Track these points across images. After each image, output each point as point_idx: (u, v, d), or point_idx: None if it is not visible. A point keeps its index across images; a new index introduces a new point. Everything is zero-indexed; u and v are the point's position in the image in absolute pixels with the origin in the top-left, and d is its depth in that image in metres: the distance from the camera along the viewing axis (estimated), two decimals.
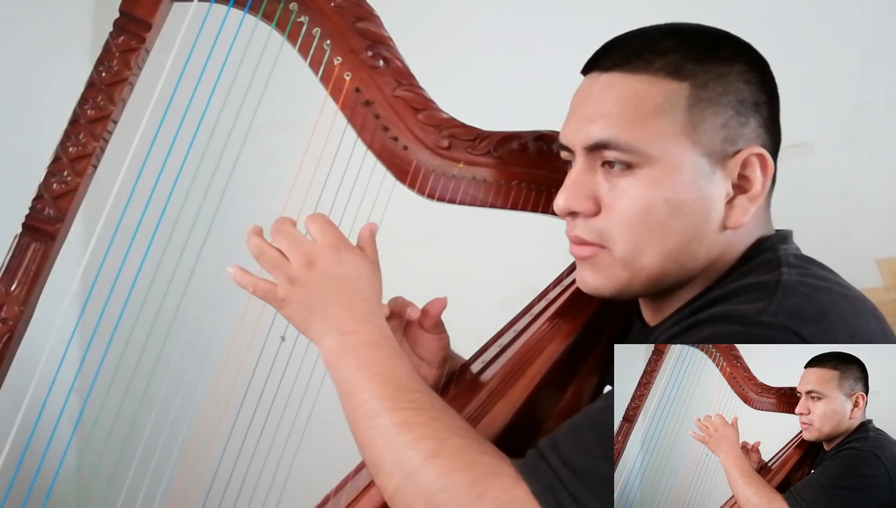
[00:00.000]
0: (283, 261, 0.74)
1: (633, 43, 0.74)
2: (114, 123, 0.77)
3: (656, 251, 0.72)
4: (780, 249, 0.73)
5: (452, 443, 0.66)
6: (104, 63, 0.76)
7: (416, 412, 0.68)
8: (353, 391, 0.70)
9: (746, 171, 0.72)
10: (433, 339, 0.86)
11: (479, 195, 0.84)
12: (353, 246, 0.76)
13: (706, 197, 0.71)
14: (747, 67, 0.73)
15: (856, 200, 1.26)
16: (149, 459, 0.95)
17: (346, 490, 0.77)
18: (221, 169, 0.86)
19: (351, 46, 0.80)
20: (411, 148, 0.81)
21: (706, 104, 0.71)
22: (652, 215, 0.71)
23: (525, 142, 0.83)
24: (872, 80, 1.26)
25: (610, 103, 0.72)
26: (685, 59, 0.71)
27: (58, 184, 0.75)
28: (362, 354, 0.71)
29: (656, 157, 0.70)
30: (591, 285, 0.75)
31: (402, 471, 0.66)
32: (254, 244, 0.75)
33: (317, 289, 0.73)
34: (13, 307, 0.74)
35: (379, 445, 0.67)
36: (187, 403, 0.95)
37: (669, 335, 0.69)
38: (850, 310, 0.67)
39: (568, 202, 0.73)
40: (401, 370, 0.71)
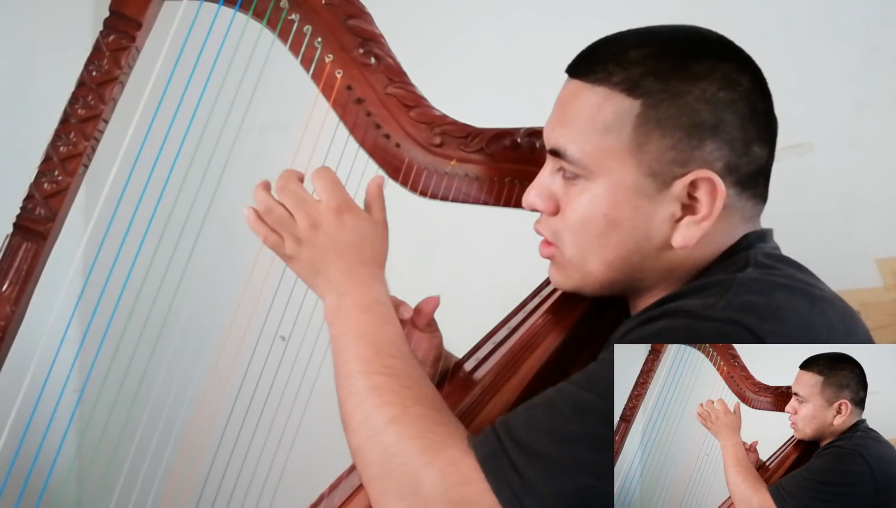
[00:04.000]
0: (290, 220, 0.75)
1: (602, 51, 0.74)
2: (105, 122, 0.77)
3: (598, 260, 0.74)
4: (756, 247, 0.73)
5: (413, 411, 0.68)
6: (94, 62, 0.76)
7: (388, 377, 0.70)
8: (339, 350, 0.73)
9: (696, 192, 0.71)
10: (426, 338, 0.87)
11: (472, 192, 0.84)
12: (356, 207, 0.77)
13: (646, 215, 0.72)
14: (717, 87, 0.70)
15: (856, 200, 1.25)
16: (144, 457, 0.95)
17: (341, 488, 0.77)
18: (213, 168, 0.86)
19: (342, 44, 0.80)
20: (403, 145, 0.81)
21: (654, 125, 0.70)
22: (591, 226, 0.73)
23: (517, 139, 0.83)
24: (872, 80, 1.26)
25: (569, 113, 0.74)
26: (645, 75, 0.70)
27: (49, 184, 0.75)
28: (352, 316, 0.74)
29: (599, 172, 0.72)
30: (555, 280, 0.80)
31: (366, 431, 0.68)
32: (261, 199, 0.76)
33: (321, 250, 0.75)
34: (4, 308, 0.74)
35: (351, 403, 0.70)
36: (181, 401, 0.95)
37: (626, 330, 0.69)
38: (807, 305, 0.67)
39: (531, 200, 0.77)
40: (385, 335, 0.73)
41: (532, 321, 0.82)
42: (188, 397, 0.93)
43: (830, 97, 1.27)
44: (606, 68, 0.72)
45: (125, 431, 0.99)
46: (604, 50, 0.74)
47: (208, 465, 0.90)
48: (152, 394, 0.96)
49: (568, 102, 0.74)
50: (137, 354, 0.94)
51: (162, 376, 1.00)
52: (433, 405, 0.70)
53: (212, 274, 0.80)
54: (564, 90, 0.76)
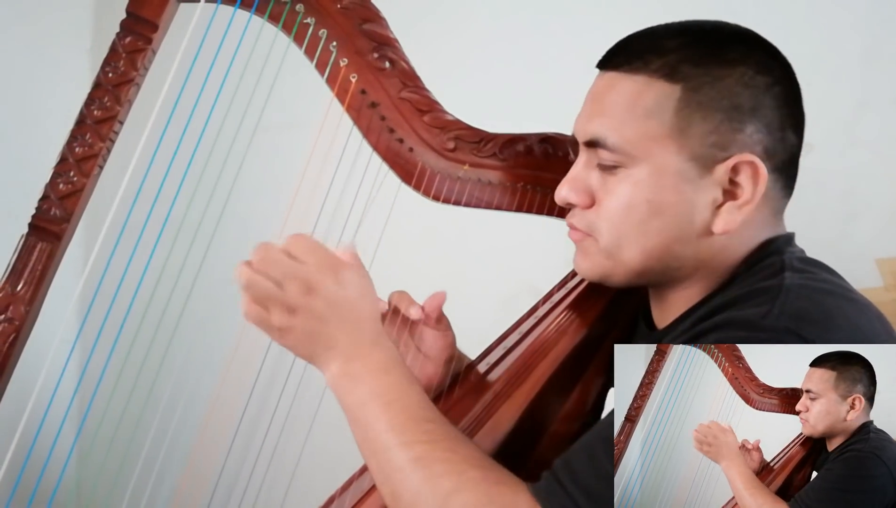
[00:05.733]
0: (276, 290, 0.68)
1: (637, 42, 0.75)
2: (120, 123, 0.77)
3: (637, 248, 0.73)
4: (786, 252, 0.73)
5: (470, 476, 0.66)
6: (111, 64, 0.76)
7: (431, 444, 0.67)
8: (366, 421, 0.69)
9: (738, 177, 0.71)
10: (438, 336, 0.86)
11: (485, 197, 0.84)
12: (347, 263, 0.72)
13: (689, 201, 0.72)
14: (755, 70, 0.71)
15: (856, 200, 1.26)
16: (153, 460, 0.95)
17: (351, 490, 0.77)
18: (226, 170, 0.86)
19: (357, 48, 0.80)
20: (417, 150, 0.82)
21: (695, 108, 0.71)
22: (633, 213, 0.72)
23: (531, 144, 0.84)
24: (872, 80, 1.26)
25: (607, 103, 0.74)
26: (683, 61, 0.71)
27: (64, 184, 0.75)
28: (373, 380, 0.69)
29: (641, 159, 0.72)
30: (581, 267, 0.78)
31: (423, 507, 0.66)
32: (241, 273, 0.69)
33: (320, 316, 0.69)
34: (19, 307, 0.74)
35: (396, 480, 0.67)
36: (192, 403, 0.95)
37: (671, 338, 0.70)
38: (854, 312, 0.67)
39: (566, 195, 0.76)
40: (413, 397, 0.70)
41: (543, 326, 0.83)
42: (199, 395, 0.93)
43: (830, 97, 1.28)
44: (643, 57, 0.72)
45: (134, 434, 0.99)
46: (638, 41, 0.75)
47: (219, 464, 0.90)
48: (162, 398, 0.97)
49: (604, 93, 0.74)
50: (148, 357, 0.94)
51: (173, 380, 1.00)
52: (484, 463, 0.68)
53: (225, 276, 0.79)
54: (598, 83, 0.76)
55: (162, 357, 0.93)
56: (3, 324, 0.73)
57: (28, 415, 0.73)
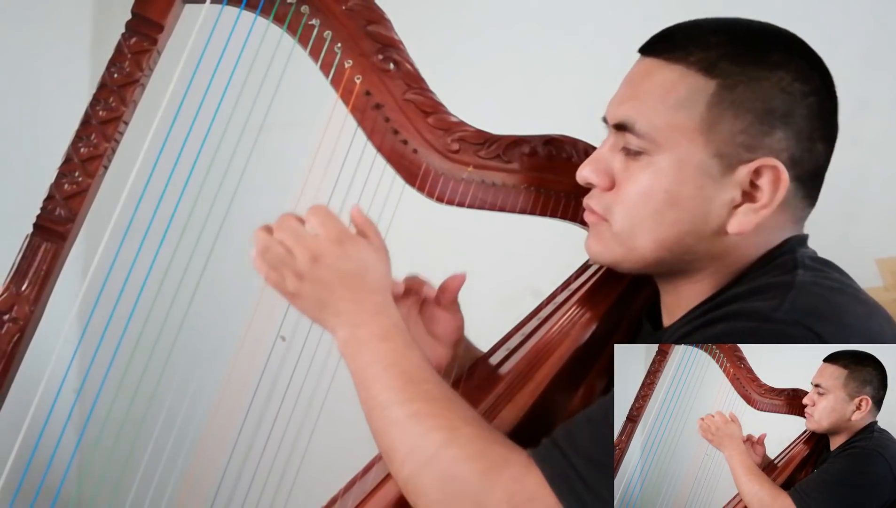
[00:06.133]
0: (289, 256, 0.74)
1: (682, 33, 0.75)
2: (125, 124, 0.77)
3: (650, 237, 0.74)
4: (799, 251, 0.73)
5: (464, 432, 0.68)
6: (116, 64, 0.76)
7: (427, 402, 0.70)
8: (367, 382, 0.72)
9: (759, 180, 0.71)
10: (449, 317, 0.87)
11: (488, 199, 0.84)
12: (356, 237, 0.76)
13: (707, 197, 0.72)
14: (793, 77, 0.71)
15: (856, 200, 1.26)
16: (155, 462, 0.96)
17: (354, 490, 0.78)
18: (231, 171, 0.86)
19: (362, 50, 0.80)
20: (421, 151, 0.82)
21: (727, 106, 0.71)
22: (650, 202, 0.73)
23: (535, 146, 0.84)
24: (872, 80, 1.26)
25: (641, 89, 0.74)
26: (723, 57, 0.71)
27: (69, 184, 0.75)
28: (374, 346, 0.73)
29: (666, 148, 0.72)
30: (592, 250, 0.78)
31: (415, 461, 0.68)
32: (259, 239, 0.75)
33: (325, 284, 0.74)
34: (24, 307, 0.74)
35: (392, 434, 0.70)
36: (196, 402, 0.95)
37: (683, 333, 0.70)
38: (864, 312, 0.68)
39: (587, 175, 0.76)
40: (412, 361, 0.72)
41: (547, 327, 0.83)
42: (203, 394, 0.93)
43: None
44: (685, 48, 0.72)
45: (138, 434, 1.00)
46: (683, 32, 0.75)
47: (222, 463, 0.90)
48: (166, 399, 0.97)
49: (641, 78, 0.75)
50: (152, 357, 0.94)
51: (176, 380, 1.00)
52: (479, 423, 0.70)
53: (230, 275, 0.80)
54: (637, 67, 0.76)
55: (165, 357, 0.93)
56: (7, 324, 0.73)
57: (31, 414, 0.73)
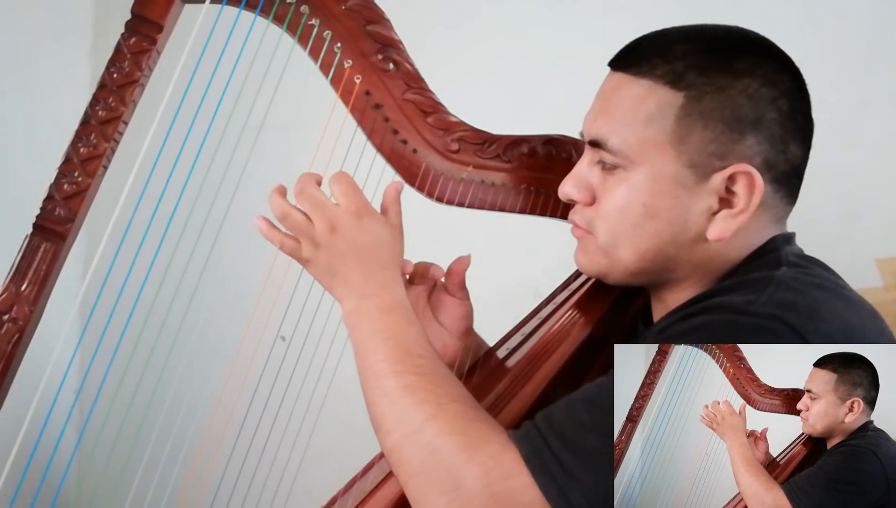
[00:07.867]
0: (308, 224, 0.75)
1: (647, 45, 0.75)
2: (125, 124, 0.77)
3: (631, 248, 0.75)
4: (784, 249, 0.74)
5: (450, 409, 0.69)
6: (115, 64, 0.76)
7: (420, 376, 0.71)
8: (365, 352, 0.73)
9: (734, 186, 0.72)
10: (457, 304, 0.87)
11: (488, 199, 0.84)
12: (375, 212, 0.77)
13: (684, 207, 0.73)
14: (760, 83, 0.71)
15: (856, 200, 1.26)
16: (155, 462, 0.96)
17: (354, 490, 0.78)
18: (230, 171, 0.86)
19: (361, 49, 0.80)
20: (420, 151, 0.82)
21: (696, 117, 0.71)
22: (629, 215, 0.74)
23: (534, 146, 0.84)
24: (872, 80, 1.26)
25: (612, 105, 0.75)
26: (689, 68, 0.72)
27: (69, 185, 0.75)
28: (376, 318, 0.74)
29: (640, 163, 0.73)
30: (580, 263, 0.80)
31: (401, 431, 0.69)
32: (277, 204, 0.76)
33: (339, 254, 0.75)
34: (23, 308, 0.74)
35: (383, 404, 0.71)
36: (196, 402, 0.95)
37: (662, 327, 0.71)
38: (844, 308, 0.68)
39: (568, 191, 0.78)
40: (411, 336, 0.74)
41: (546, 327, 0.83)
42: (202, 397, 0.93)
43: (830, 97, 1.28)
44: (651, 61, 0.73)
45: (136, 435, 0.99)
46: (648, 44, 0.75)
47: (222, 464, 0.90)
48: (165, 400, 0.97)
49: (611, 94, 0.75)
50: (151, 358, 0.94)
51: (175, 382, 1.00)
52: (466, 401, 0.71)
53: (229, 276, 0.80)
54: (607, 83, 0.77)
55: (165, 357, 0.93)
56: (7, 324, 0.73)
57: (31, 414, 0.73)
